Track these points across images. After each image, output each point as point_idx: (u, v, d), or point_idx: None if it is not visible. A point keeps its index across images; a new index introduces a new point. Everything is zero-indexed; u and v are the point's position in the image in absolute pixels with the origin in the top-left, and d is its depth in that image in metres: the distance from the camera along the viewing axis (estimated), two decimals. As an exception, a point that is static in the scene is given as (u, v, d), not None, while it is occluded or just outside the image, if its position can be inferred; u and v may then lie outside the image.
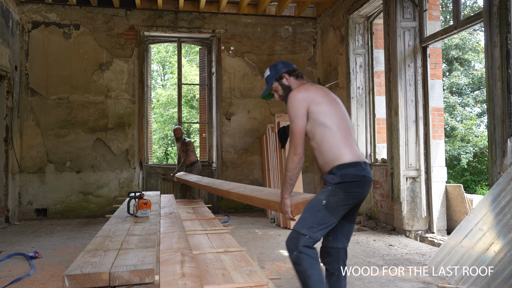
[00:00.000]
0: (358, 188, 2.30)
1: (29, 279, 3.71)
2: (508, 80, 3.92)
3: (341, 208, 2.29)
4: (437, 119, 5.64)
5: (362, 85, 7.00)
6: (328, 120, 2.33)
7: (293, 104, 2.36)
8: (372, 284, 3.51)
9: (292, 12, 8.49)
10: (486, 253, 3.25)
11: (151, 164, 8.37)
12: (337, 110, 2.40)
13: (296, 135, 2.35)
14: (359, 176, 2.29)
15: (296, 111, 2.35)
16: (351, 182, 2.28)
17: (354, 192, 2.30)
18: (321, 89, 2.44)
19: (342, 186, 2.26)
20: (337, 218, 2.29)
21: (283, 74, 2.51)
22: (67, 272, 1.72)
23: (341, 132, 2.35)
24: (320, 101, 2.35)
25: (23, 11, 7.57)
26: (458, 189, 5.41)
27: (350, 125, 2.45)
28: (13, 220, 7.06)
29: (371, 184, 2.36)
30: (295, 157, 2.35)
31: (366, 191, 2.36)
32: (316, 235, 2.23)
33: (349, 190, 2.28)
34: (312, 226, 2.23)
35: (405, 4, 5.63)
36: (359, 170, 2.30)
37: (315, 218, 2.24)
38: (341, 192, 2.26)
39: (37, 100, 7.57)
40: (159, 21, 8.05)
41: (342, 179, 2.26)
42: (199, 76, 9.53)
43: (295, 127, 2.35)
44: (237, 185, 3.63)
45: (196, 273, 2.02)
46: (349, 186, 2.27)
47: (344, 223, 2.45)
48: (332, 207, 2.26)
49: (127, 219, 3.33)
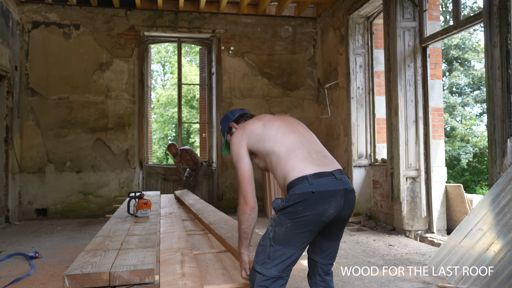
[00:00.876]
0: (308, 209, 1.81)
1: (29, 279, 3.72)
2: (508, 80, 3.93)
3: (297, 238, 1.84)
4: (437, 119, 5.65)
5: (362, 85, 7.00)
6: (268, 145, 2.02)
7: (233, 149, 2.11)
8: (372, 284, 3.51)
9: (292, 12, 8.49)
10: (486, 253, 3.25)
11: (151, 164, 8.37)
12: (279, 128, 2.07)
13: (242, 181, 2.04)
14: (305, 194, 1.81)
15: (236, 155, 2.08)
16: (295, 204, 1.83)
17: (304, 216, 1.82)
18: (258, 118, 2.18)
19: (286, 212, 1.85)
20: (298, 248, 1.87)
21: (231, 124, 2.30)
22: (67, 272, 1.72)
23: (286, 149, 1.98)
24: (258, 131, 2.08)
25: (23, 11, 7.57)
26: (458, 189, 5.41)
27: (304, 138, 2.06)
28: (13, 220, 7.06)
29: (335, 198, 1.85)
30: (246, 207, 2.01)
31: (328, 209, 1.84)
32: (270, 272, 1.85)
33: (295, 216, 1.83)
34: (264, 262, 1.87)
35: (405, 4, 5.63)
36: (305, 187, 1.83)
37: (265, 253, 1.88)
38: (287, 220, 1.85)
39: (37, 100, 7.57)
40: (159, 21, 8.05)
41: (286, 203, 1.86)
42: (199, 76, 9.53)
43: (239, 172, 2.05)
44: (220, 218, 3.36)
45: (196, 273, 2.02)
46: (294, 211, 1.83)
47: (322, 239, 2.03)
48: (282, 238, 1.85)
49: (127, 219, 3.34)
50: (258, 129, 2.10)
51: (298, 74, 8.58)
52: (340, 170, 1.96)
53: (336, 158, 7.61)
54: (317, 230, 1.87)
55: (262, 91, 8.41)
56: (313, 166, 1.90)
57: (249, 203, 2.01)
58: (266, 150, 2.04)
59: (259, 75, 8.41)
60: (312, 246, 2.07)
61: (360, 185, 6.87)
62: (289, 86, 8.53)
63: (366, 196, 6.84)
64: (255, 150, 2.08)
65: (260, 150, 2.07)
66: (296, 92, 8.56)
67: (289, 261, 1.87)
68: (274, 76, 8.47)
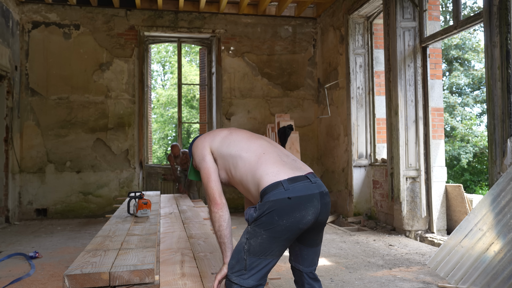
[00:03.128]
0: (284, 217, 1.71)
1: (29, 279, 3.72)
2: (508, 80, 3.93)
3: (273, 247, 1.75)
4: (437, 119, 5.65)
5: (362, 85, 7.00)
6: (233, 149, 1.95)
7: (195, 152, 2.07)
8: (372, 284, 3.51)
9: (292, 12, 8.49)
10: (486, 253, 3.25)
11: (151, 164, 8.37)
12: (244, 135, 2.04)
13: (207, 180, 1.96)
14: (281, 201, 1.71)
15: (200, 155, 2.03)
16: (270, 213, 1.72)
17: (279, 226, 1.71)
18: (224, 128, 2.17)
19: (260, 222, 1.74)
20: (275, 256, 1.78)
21: None
22: (67, 272, 1.72)
23: (254, 153, 1.90)
24: (223, 135, 2.05)
25: (23, 11, 7.57)
26: (458, 189, 5.41)
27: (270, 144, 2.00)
28: (13, 220, 7.06)
29: (312, 203, 1.76)
30: (213, 206, 1.92)
31: (305, 216, 1.74)
32: (247, 282, 1.75)
33: (270, 226, 1.72)
34: (241, 273, 1.77)
35: (405, 4, 5.63)
36: (280, 193, 1.72)
37: (241, 265, 1.78)
38: (261, 231, 1.73)
39: (37, 100, 7.57)
40: (159, 21, 8.05)
41: (260, 211, 1.74)
42: (199, 76, 9.54)
43: (203, 172, 1.98)
44: (203, 232, 3.05)
45: (196, 273, 2.02)
46: (269, 221, 1.72)
47: (302, 247, 1.92)
48: (257, 250, 1.75)
49: (127, 219, 3.34)
50: (223, 133, 2.07)
51: (298, 74, 8.58)
52: (312, 173, 1.87)
53: (336, 158, 7.62)
54: (294, 237, 1.78)
55: (262, 91, 8.41)
56: (286, 169, 1.81)
57: (215, 201, 1.91)
58: (230, 154, 1.94)
59: (259, 75, 8.41)
60: (293, 255, 1.96)
61: (360, 185, 6.87)
62: (289, 86, 8.53)
63: (366, 196, 6.84)
64: (218, 155, 1.99)
65: (223, 154, 1.97)
66: (296, 92, 8.56)
67: (267, 269, 1.79)
68: (274, 76, 8.47)
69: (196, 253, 2.42)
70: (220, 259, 2.17)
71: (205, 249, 2.53)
